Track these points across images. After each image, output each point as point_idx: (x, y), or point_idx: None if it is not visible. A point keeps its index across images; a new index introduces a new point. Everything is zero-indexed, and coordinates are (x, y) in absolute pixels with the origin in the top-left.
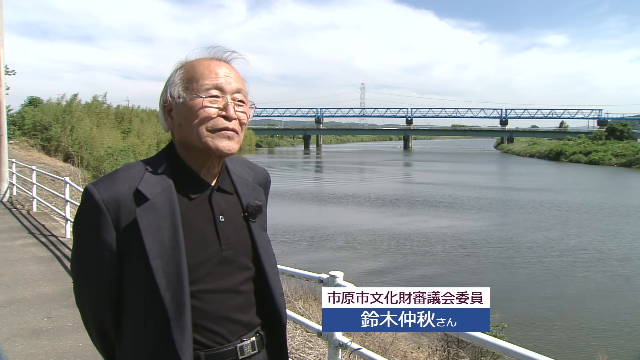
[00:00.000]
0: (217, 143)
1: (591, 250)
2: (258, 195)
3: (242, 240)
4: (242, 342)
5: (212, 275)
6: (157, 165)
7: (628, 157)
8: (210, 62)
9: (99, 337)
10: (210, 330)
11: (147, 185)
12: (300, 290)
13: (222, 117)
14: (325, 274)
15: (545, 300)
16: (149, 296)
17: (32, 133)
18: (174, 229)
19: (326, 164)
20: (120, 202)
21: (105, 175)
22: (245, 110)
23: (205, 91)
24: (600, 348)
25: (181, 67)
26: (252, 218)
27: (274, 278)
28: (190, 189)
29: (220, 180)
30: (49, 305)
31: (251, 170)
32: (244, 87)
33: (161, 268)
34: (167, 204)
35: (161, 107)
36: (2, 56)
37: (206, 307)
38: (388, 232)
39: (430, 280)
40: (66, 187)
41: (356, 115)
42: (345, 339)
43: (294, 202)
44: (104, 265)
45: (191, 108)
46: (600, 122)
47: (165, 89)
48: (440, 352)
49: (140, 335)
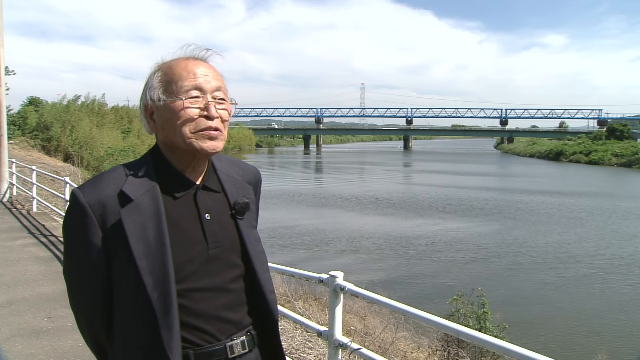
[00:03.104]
0: (202, 144)
1: (592, 251)
2: (246, 193)
3: (229, 238)
4: (232, 341)
5: (199, 274)
6: (142, 167)
7: (628, 157)
8: (187, 62)
9: (91, 338)
10: (199, 328)
11: (131, 187)
12: (300, 290)
13: (204, 117)
14: (325, 274)
15: (545, 300)
16: (136, 296)
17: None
18: (159, 228)
19: (326, 164)
20: (105, 204)
21: (90, 179)
22: (226, 107)
23: (185, 92)
24: (600, 348)
25: (158, 70)
26: (240, 215)
27: (264, 275)
28: (174, 189)
29: (205, 179)
30: (49, 305)
31: (240, 168)
32: (224, 84)
33: (147, 268)
34: (152, 204)
35: (142, 110)
36: (2, 56)
37: (194, 306)
38: (389, 233)
39: (431, 280)
40: (66, 187)
41: (356, 115)
42: (345, 339)
43: (294, 202)
44: (93, 266)
45: (172, 110)
46: (600, 122)
47: (144, 93)
48: (441, 352)
49: (130, 334)
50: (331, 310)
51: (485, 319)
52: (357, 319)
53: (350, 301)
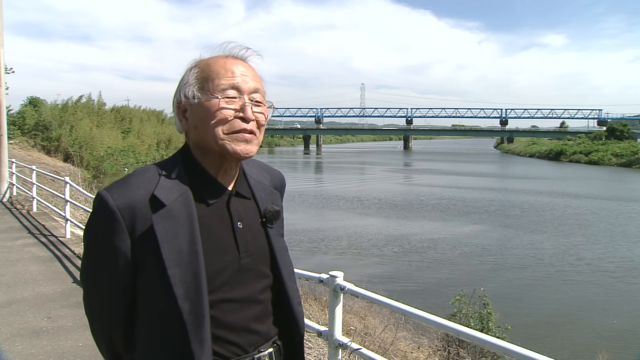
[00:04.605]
0: (235, 146)
1: (592, 252)
2: (275, 200)
3: (260, 247)
4: (259, 353)
5: (230, 284)
6: (172, 169)
7: (627, 157)
8: (226, 61)
9: (108, 348)
10: (228, 341)
11: (163, 191)
12: (300, 290)
13: (240, 118)
14: (325, 274)
15: (546, 301)
16: (165, 307)
17: (32, 133)
18: (192, 236)
19: (326, 164)
20: (135, 209)
21: (118, 180)
22: (263, 110)
23: (221, 91)
24: (601, 348)
25: (195, 66)
26: (270, 224)
27: (292, 287)
28: (207, 194)
29: (237, 185)
30: (49, 305)
31: (267, 173)
32: (262, 87)
33: (179, 277)
34: (185, 210)
35: (175, 107)
36: (2, 56)
37: (224, 317)
38: (389, 233)
39: (432, 281)
40: (66, 187)
41: (356, 115)
42: (345, 339)
43: (294, 202)
44: (118, 274)
45: (207, 109)
46: (600, 122)
47: (179, 89)
48: (441, 352)
49: (156, 347)
50: (331, 310)
51: (488, 319)
52: (357, 319)
53: (350, 301)
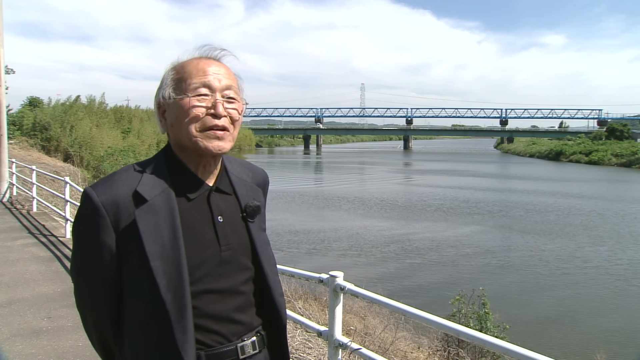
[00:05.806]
0: (207, 143)
1: (592, 252)
2: (257, 196)
3: (241, 240)
4: (242, 342)
5: (211, 276)
6: (155, 167)
7: (627, 157)
8: (200, 61)
9: (99, 339)
10: (211, 330)
11: (145, 187)
12: (300, 290)
13: (211, 115)
14: (325, 274)
15: (546, 301)
16: (150, 298)
17: (32, 133)
18: (174, 230)
19: (326, 164)
20: (119, 204)
21: (103, 178)
22: (236, 106)
23: (193, 90)
24: (600, 348)
25: (172, 69)
26: (251, 218)
27: (274, 278)
28: (188, 190)
29: (218, 181)
30: (49, 305)
31: (250, 171)
32: (236, 83)
33: (161, 269)
34: (166, 205)
35: (156, 109)
36: (2, 56)
37: (206, 308)
38: (389, 233)
39: (432, 281)
40: (66, 187)
41: (356, 115)
42: (345, 339)
43: (294, 202)
44: (104, 267)
45: (181, 108)
46: (600, 122)
47: (159, 91)
48: (441, 352)
49: (142, 336)
50: (331, 310)
51: (487, 319)
52: (357, 319)
53: (350, 301)
